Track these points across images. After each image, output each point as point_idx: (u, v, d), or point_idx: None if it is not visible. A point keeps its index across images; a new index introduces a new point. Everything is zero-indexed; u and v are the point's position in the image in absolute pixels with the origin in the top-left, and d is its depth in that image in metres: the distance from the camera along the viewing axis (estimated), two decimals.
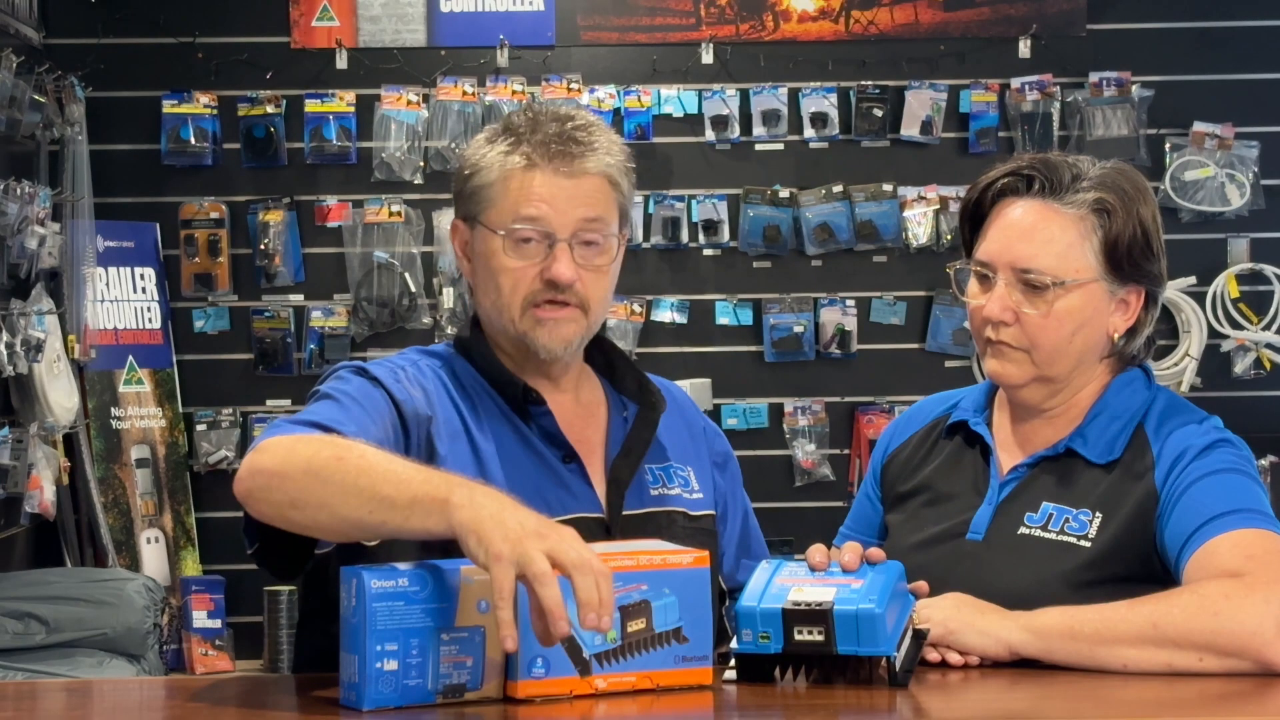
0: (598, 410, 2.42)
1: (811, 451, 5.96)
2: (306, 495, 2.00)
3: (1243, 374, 5.97)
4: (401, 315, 5.91)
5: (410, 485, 1.94)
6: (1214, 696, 2.00)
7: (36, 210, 5.19)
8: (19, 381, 5.24)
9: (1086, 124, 5.94)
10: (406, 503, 1.93)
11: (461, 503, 1.88)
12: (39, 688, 2.93)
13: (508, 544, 1.82)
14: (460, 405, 2.30)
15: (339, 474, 1.98)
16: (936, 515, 2.42)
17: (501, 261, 2.29)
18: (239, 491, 2.06)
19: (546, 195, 2.28)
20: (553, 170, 2.28)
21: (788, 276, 6.00)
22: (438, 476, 1.97)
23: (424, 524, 1.92)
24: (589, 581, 1.82)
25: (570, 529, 1.88)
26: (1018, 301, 2.34)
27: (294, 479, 2.00)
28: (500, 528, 1.84)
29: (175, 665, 5.58)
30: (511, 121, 2.34)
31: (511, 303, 2.30)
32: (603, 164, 2.31)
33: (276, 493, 2.02)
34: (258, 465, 2.04)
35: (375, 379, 2.24)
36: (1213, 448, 2.29)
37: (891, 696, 2.00)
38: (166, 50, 5.92)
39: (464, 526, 1.86)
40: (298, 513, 2.01)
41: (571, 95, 5.89)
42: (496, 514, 1.86)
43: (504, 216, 2.29)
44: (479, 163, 2.33)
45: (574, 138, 2.30)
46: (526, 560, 1.81)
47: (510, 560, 1.81)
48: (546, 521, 1.89)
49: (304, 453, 2.03)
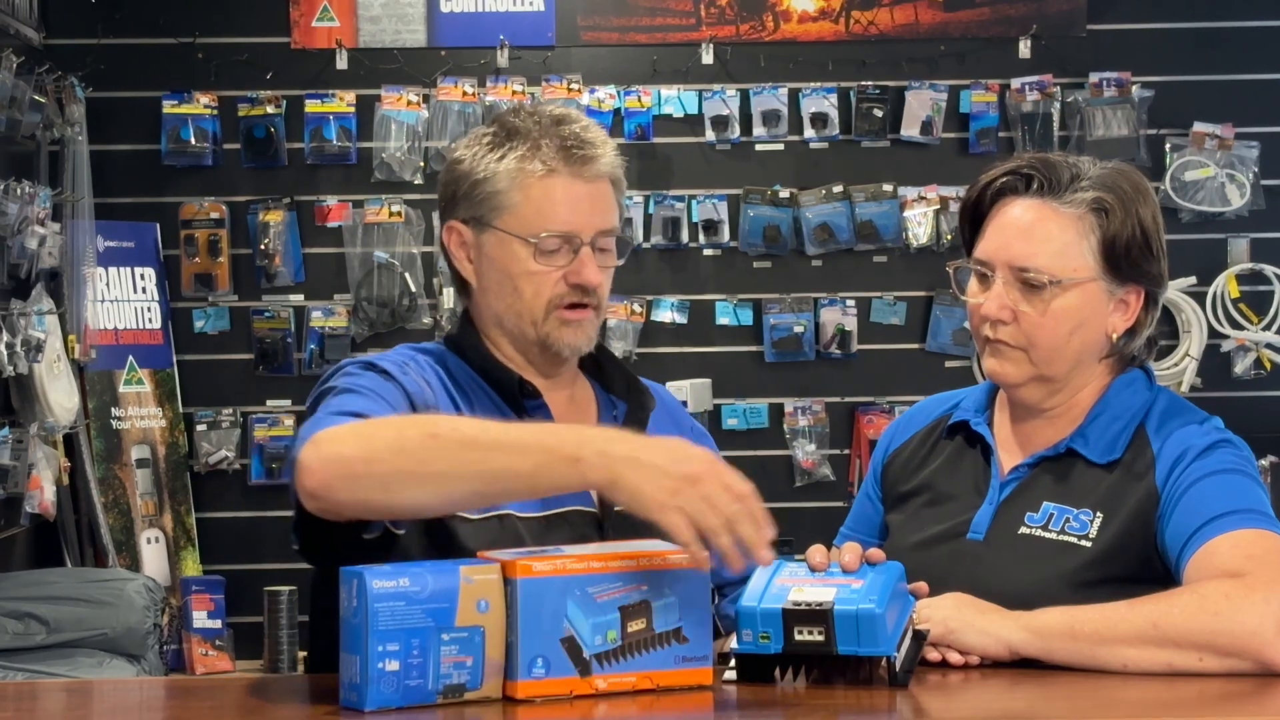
0: (589, 408, 2.44)
1: (811, 452, 5.96)
2: (403, 476, 2.00)
3: (1243, 374, 5.97)
4: (401, 315, 5.92)
5: (528, 450, 1.99)
6: (1214, 696, 2.00)
7: (36, 210, 5.19)
8: (19, 381, 5.24)
9: (1086, 124, 5.94)
10: (530, 470, 1.98)
11: (594, 460, 1.94)
12: (39, 688, 2.93)
13: (664, 493, 1.92)
14: (456, 399, 2.32)
15: (438, 450, 2.00)
16: (937, 515, 2.42)
17: (526, 267, 2.31)
18: (312, 485, 2.03)
19: (570, 203, 2.31)
20: (570, 176, 2.31)
21: (788, 276, 6.00)
22: (550, 435, 2.03)
23: (553, 485, 2.00)
24: (747, 531, 1.92)
25: (709, 456, 1.96)
26: (1015, 300, 2.34)
27: (385, 461, 2.00)
28: (648, 482, 1.92)
29: (175, 665, 5.58)
30: (513, 124, 2.35)
31: (535, 306, 2.32)
32: (611, 165, 2.35)
33: (364, 479, 2.01)
34: (332, 454, 2.02)
35: (385, 371, 2.24)
36: (1213, 448, 2.30)
37: (891, 697, 2.00)
38: (166, 50, 5.92)
39: (609, 485, 1.95)
40: (391, 495, 2.01)
41: (572, 95, 5.89)
42: (635, 464, 1.93)
43: (528, 225, 2.31)
44: (486, 168, 2.33)
45: (583, 140, 2.32)
46: (695, 515, 1.91)
47: (674, 508, 1.91)
48: (679, 458, 1.95)
49: (384, 433, 2.03)
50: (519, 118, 2.35)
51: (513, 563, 1.93)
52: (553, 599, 1.93)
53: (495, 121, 2.38)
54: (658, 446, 1.98)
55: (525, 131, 2.33)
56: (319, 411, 2.15)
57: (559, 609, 1.93)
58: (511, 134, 2.34)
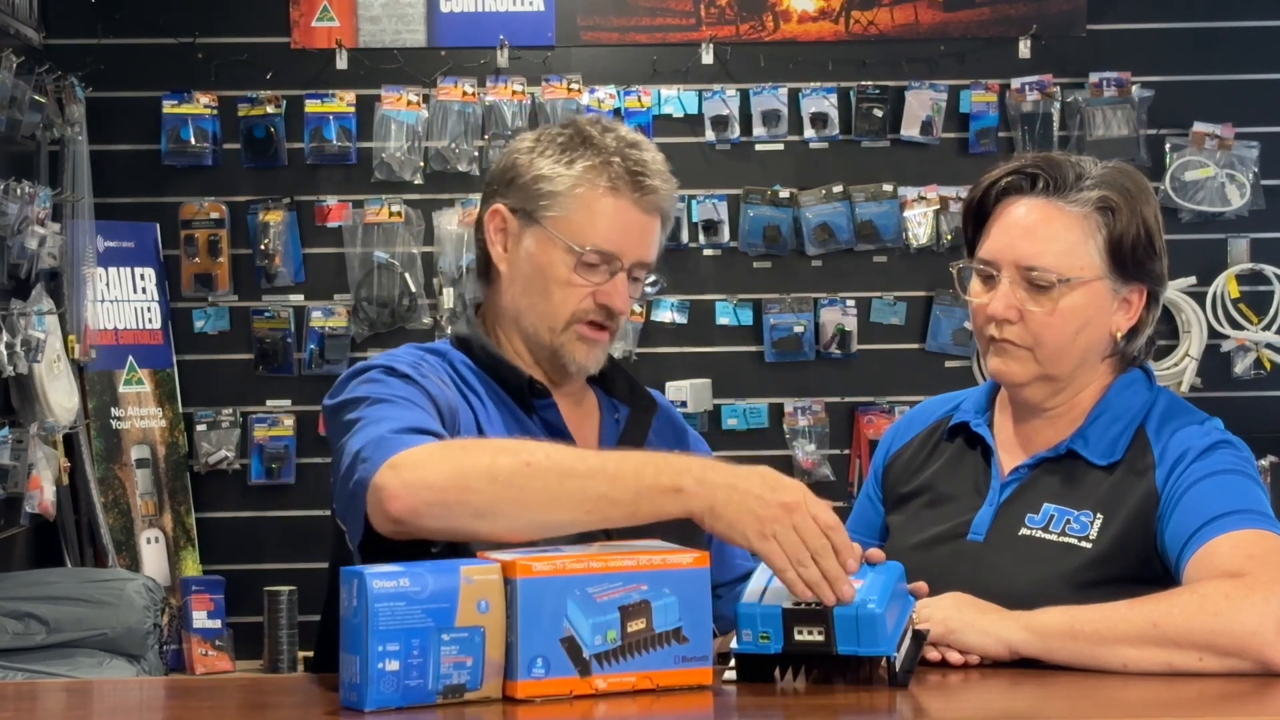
0: (593, 412, 2.46)
1: (811, 452, 5.96)
2: (498, 505, 2.01)
3: (1243, 374, 5.97)
4: (401, 315, 5.91)
5: (625, 479, 2.01)
6: (1214, 696, 2.00)
7: (36, 210, 5.19)
8: (19, 381, 5.24)
9: (1087, 124, 5.94)
10: (631, 498, 2.01)
11: (694, 490, 2.00)
12: (39, 688, 2.93)
13: (762, 522, 1.98)
14: (467, 398, 2.32)
15: (534, 479, 2.01)
16: (937, 516, 2.42)
17: (563, 274, 2.33)
18: (398, 511, 2.01)
19: (623, 225, 2.33)
20: (632, 202, 2.33)
21: (788, 276, 6.00)
22: (647, 464, 2.04)
23: (653, 513, 2.02)
24: (831, 564, 1.98)
25: (800, 485, 2.01)
26: (1022, 300, 2.33)
27: (479, 490, 2.01)
28: (747, 511, 1.98)
29: (175, 665, 5.58)
30: (589, 134, 2.36)
31: (558, 313, 2.33)
32: (668, 202, 2.37)
33: (456, 506, 2.01)
34: (418, 480, 2.02)
35: (406, 376, 2.24)
36: (1213, 449, 2.30)
37: (891, 697, 2.00)
38: (166, 50, 5.92)
39: (709, 513, 2.00)
40: (484, 523, 2.02)
41: (572, 95, 5.89)
42: (731, 493, 1.99)
43: (578, 234, 2.32)
44: (551, 166, 2.34)
45: (651, 170, 2.34)
46: (787, 544, 1.98)
47: (770, 536, 1.98)
48: (774, 486, 2.00)
49: (475, 461, 2.03)
50: (595, 129, 2.37)
51: (513, 563, 1.93)
52: (553, 599, 1.93)
53: (571, 125, 2.39)
54: (753, 475, 2.01)
55: (600, 145, 2.34)
56: (368, 428, 2.12)
57: (559, 609, 1.93)
58: (586, 142, 2.35)
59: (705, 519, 2.01)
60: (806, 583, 1.98)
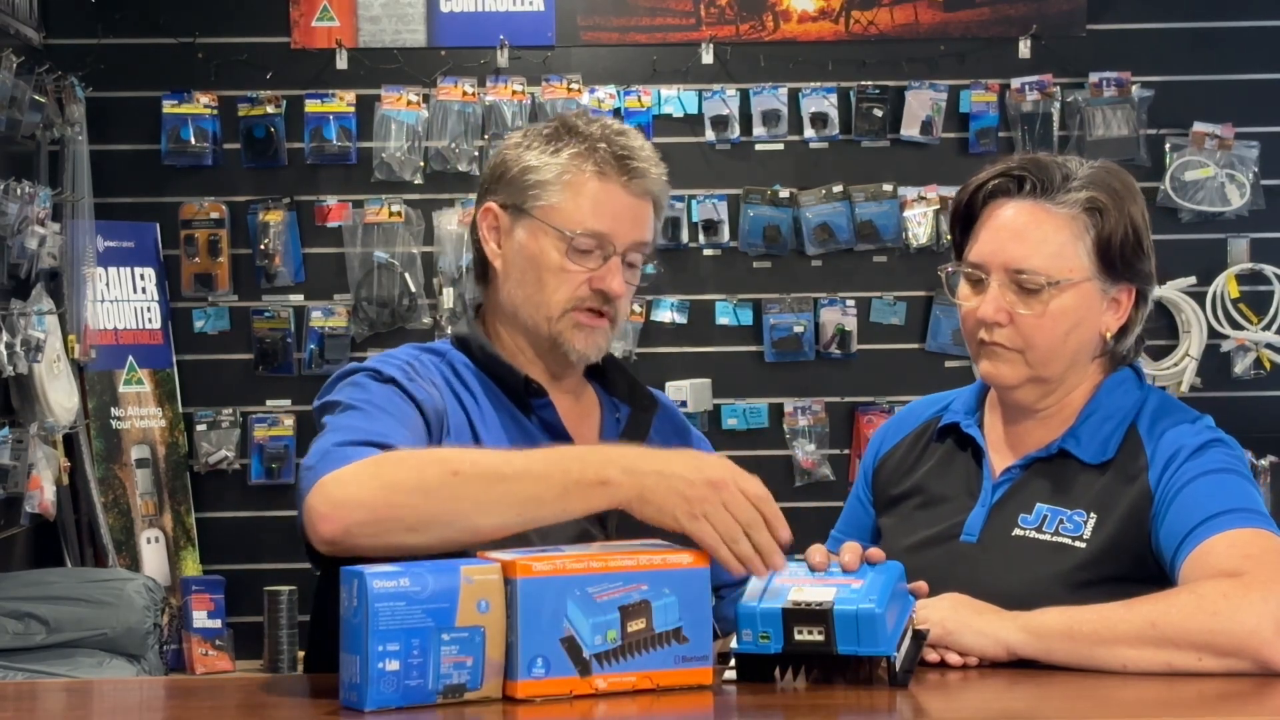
0: (593, 410, 2.45)
1: (811, 451, 5.96)
2: (429, 517, 2.00)
3: (1243, 374, 5.97)
4: (401, 315, 5.92)
5: (552, 477, 2.01)
6: (1214, 696, 2.00)
7: (36, 210, 5.19)
8: (19, 381, 5.24)
9: (1086, 124, 5.94)
10: (558, 496, 2.01)
11: (620, 480, 2.00)
12: (39, 688, 2.93)
13: (690, 504, 1.98)
14: (462, 399, 2.32)
15: (462, 488, 2.01)
16: (929, 518, 2.42)
17: (555, 261, 2.32)
18: (329, 532, 2.00)
19: (612, 208, 2.32)
20: (621, 185, 2.33)
21: (788, 276, 6.00)
22: (573, 459, 2.04)
23: (585, 508, 2.02)
24: (763, 537, 1.99)
25: (726, 462, 2.02)
26: (1011, 303, 2.33)
27: (407, 505, 2.00)
28: (674, 493, 1.98)
29: (175, 665, 5.58)
30: (574, 124, 2.37)
31: (554, 302, 2.33)
32: (658, 185, 2.37)
33: (388, 522, 2.00)
34: (346, 498, 2.00)
35: (391, 380, 2.24)
36: (1206, 447, 2.29)
37: (891, 697, 2.00)
38: (166, 50, 5.93)
39: (637, 500, 2.00)
40: (418, 535, 2.00)
41: (572, 95, 5.89)
42: (658, 479, 1.99)
43: (568, 219, 2.32)
44: (538, 157, 2.34)
45: (638, 154, 2.34)
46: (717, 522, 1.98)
47: (700, 516, 1.98)
48: (699, 466, 2.00)
49: (403, 475, 2.02)
50: (581, 120, 2.38)
51: (513, 563, 1.93)
52: (552, 599, 1.93)
53: (557, 119, 2.40)
54: (676, 457, 2.02)
55: (585, 133, 2.35)
56: (325, 436, 2.12)
57: (559, 609, 1.93)
58: (571, 131, 2.35)
59: (635, 506, 2.00)
60: (740, 559, 1.99)
